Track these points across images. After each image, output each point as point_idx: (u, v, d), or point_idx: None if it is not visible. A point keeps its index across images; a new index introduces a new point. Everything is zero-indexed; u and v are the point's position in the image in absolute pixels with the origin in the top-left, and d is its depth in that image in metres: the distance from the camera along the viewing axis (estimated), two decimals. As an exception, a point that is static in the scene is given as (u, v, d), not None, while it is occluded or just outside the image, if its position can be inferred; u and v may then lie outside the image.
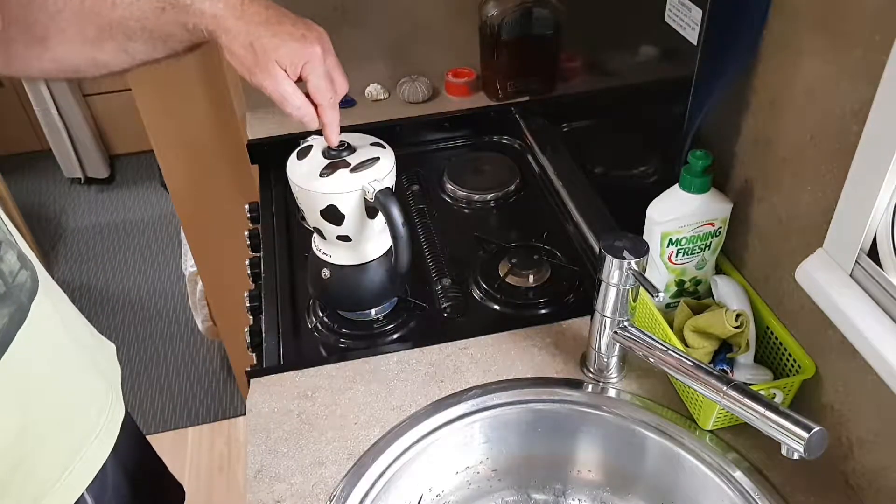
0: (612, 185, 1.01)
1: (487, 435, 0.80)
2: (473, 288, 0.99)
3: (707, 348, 0.75)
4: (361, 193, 0.80)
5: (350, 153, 0.81)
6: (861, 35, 0.57)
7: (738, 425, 0.74)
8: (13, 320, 0.64)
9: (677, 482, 0.76)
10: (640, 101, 0.88)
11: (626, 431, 0.78)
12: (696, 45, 0.69)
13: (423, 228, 1.11)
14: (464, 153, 1.31)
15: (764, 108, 0.71)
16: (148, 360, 2.25)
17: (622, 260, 0.69)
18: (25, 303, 0.66)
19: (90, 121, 2.97)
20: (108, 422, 0.77)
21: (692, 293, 0.83)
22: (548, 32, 1.19)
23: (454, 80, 1.37)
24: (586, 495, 0.82)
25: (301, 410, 0.80)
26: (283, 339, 0.92)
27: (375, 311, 0.94)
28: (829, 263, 0.64)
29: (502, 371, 0.83)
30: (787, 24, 0.66)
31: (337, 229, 0.83)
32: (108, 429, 0.77)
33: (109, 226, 2.86)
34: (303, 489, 0.72)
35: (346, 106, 1.37)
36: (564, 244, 1.06)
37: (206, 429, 2.03)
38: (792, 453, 0.56)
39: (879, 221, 0.59)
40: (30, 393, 0.66)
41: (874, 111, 0.56)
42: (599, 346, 0.79)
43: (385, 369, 0.84)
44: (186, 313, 2.40)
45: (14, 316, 0.64)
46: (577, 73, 1.09)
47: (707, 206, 0.76)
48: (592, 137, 1.07)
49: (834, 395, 0.69)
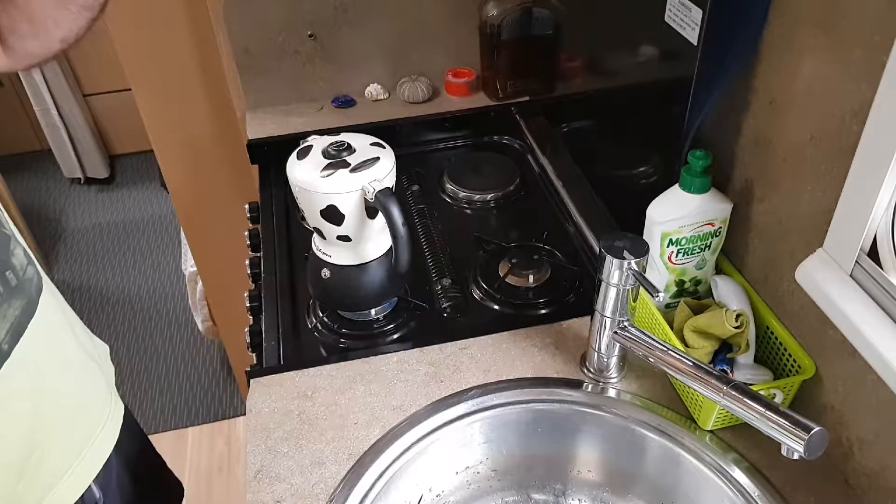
0: (612, 185, 1.00)
1: (487, 435, 0.80)
2: (473, 288, 0.99)
3: (707, 348, 0.75)
4: (361, 193, 0.80)
5: (350, 153, 0.81)
6: (861, 35, 0.57)
7: (738, 425, 0.74)
8: (25, 312, 0.66)
9: (677, 482, 0.76)
10: (641, 101, 0.88)
11: (626, 431, 0.78)
12: (696, 45, 0.69)
13: (423, 228, 1.11)
14: (464, 153, 1.31)
15: (764, 108, 0.71)
16: (148, 360, 2.25)
17: (622, 260, 0.69)
18: (34, 296, 0.68)
19: (90, 121, 2.97)
20: (112, 413, 0.79)
21: (692, 293, 0.83)
22: (548, 32, 1.19)
23: (454, 80, 1.37)
24: (586, 495, 0.82)
25: (301, 410, 0.80)
26: (283, 339, 0.92)
27: (375, 311, 0.94)
28: (829, 263, 0.64)
29: (502, 371, 0.83)
30: (787, 24, 0.66)
31: (337, 229, 0.83)
32: (113, 419, 0.79)
33: (109, 226, 2.86)
34: (303, 489, 0.72)
35: (346, 106, 1.37)
36: (564, 244, 1.06)
37: (206, 429, 2.03)
38: (792, 453, 0.56)
39: (879, 221, 0.59)
40: (42, 383, 0.68)
41: (874, 111, 0.56)
42: (599, 346, 0.79)
43: (385, 369, 0.84)
44: (186, 313, 2.40)
45: (26, 308, 0.66)
46: (577, 73, 1.09)
47: (707, 206, 0.76)
48: (592, 137, 1.07)
49: (834, 395, 0.69)
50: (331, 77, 1.37)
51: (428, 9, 1.33)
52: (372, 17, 1.31)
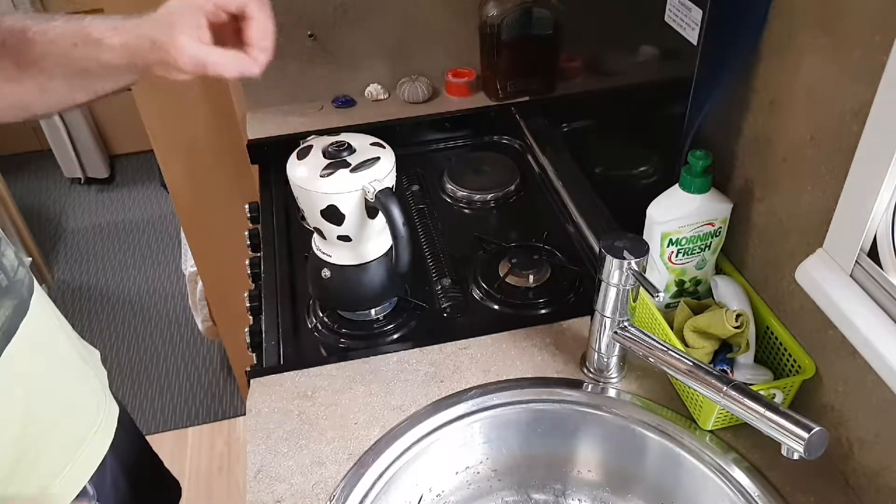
0: (612, 185, 1.01)
1: (487, 435, 0.80)
2: (473, 288, 0.99)
3: (707, 348, 0.75)
4: (362, 193, 0.80)
5: (350, 153, 0.81)
6: (861, 35, 0.57)
7: (738, 425, 0.74)
8: (16, 312, 0.66)
9: (677, 482, 0.76)
10: (640, 101, 0.88)
11: (626, 431, 0.78)
12: (696, 45, 0.69)
13: (423, 228, 1.11)
14: (464, 153, 1.31)
15: (764, 108, 0.71)
16: (148, 360, 2.25)
17: (622, 260, 0.69)
18: (26, 297, 0.68)
19: (90, 121, 2.97)
20: (107, 414, 0.79)
21: (692, 293, 0.83)
22: (548, 32, 1.19)
23: (454, 80, 1.37)
24: (586, 495, 0.82)
25: (301, 410, 0.80)
26: (283, 339, 0.92)
27: (375, 311, 0.94)
28: (829, 263, 0.64)
29: (502, 371, 0.83)
30: (787, 25, 0.66)
31: (337, 229, 0.83)
32: (107, 421, 0.79)
33: (109, 226, 2.86)
34: (303, 489, 0.72)
35: (346, 106, 1.37)
36: (564, 244, 1.06)
37: (206, 429, 2.03)
38: (792, 453, 0.56)
39: (879, 221, 0.59)
40: (33, 384, 0.68)
41: (874, 111, 0.56)
42: (599, 346, 0.79)
43: (385, 369, 0.84)
44: (186, 313, 2.40)
45: (17, 308, 0.66)
46: (577, 73, 1.09)
47: (707, 206, 0.76)
48: (592, 137, 1.07)
49: (834, 395, 0.69)
50: (331, 77, 1.37)
51: (428, 9, 1.33)
52: (372, 17, 1.31)
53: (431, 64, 1.39)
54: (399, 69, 1.39)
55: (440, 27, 1.36)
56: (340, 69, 1.36)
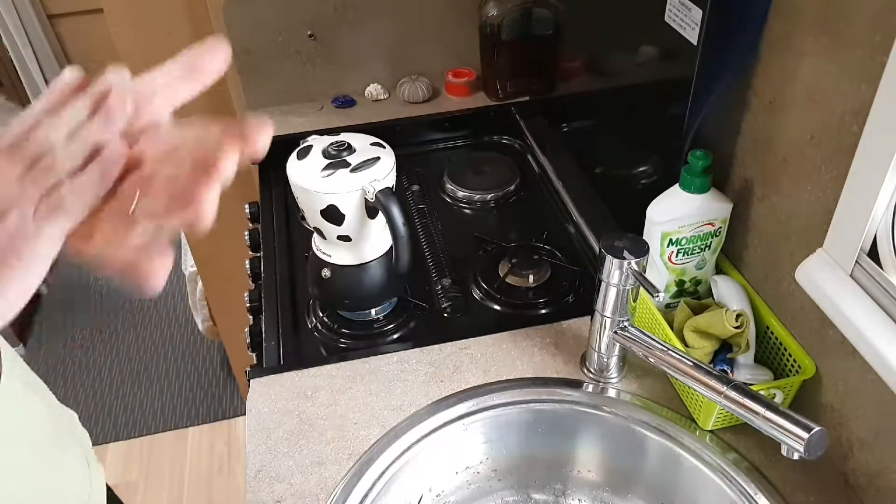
0: (612, 185, 1.00)
1: (487, 435, 0.80)
2: (473, 288, 0.99)
3: (707, 348, 0.75)
4: (362, 193, 0.80)
5: (350, 153, 0.81)
6: (861, 35, 0.57)
7: (738, 425, 0.74)
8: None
9: (677, 482, 0.76)
10: (640, 101, 0.88)
11: (626, 431, 0.78)
12: (696, 45, 0.69)
13: (423, 228, 1.11)
14: (464, 153, 1.31)
15: (764, 108, 0.71)
16: (148, 360, 2.25)
17: (622, 260, 0.69)
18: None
19: (90, 121, 2.97)
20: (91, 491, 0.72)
21: (692, 293, 0.83)
22: (548, 32, 1.19)
23: (454, 80, 1.37)
24: (586, 495, 0.82)
25: (301, 410, 0.80)
26: (283, 339, 0.92)
27: (375, 311, 0.94)
28: (829, 263, 0.64)
29: (502, 371, 0.83)
30: (787, 25, 0.66)
31: (337, 229, 0.83)
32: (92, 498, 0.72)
33: (109, 226, 2.86)
34: (303, 489, 0.72)
35: (346, 106, 1.37)
36: (564, 244, 1.06)
37: (206, 429, 2.03)
38: (792, 453, 0.56)
39: (879, 221, 0.59)
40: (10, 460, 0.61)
41: (874, 111, 0.56)
42: (599, 346, 0.79)
43: (385, 369, 0.84)
44: (186, 313, 2.40)
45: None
46: (577, 73, 1.09)
47: (707, 206, 0.76)
48: (592, 137, 1.07)
49: (834, 395, 0.69)
50: (331, 77, 1.37)
51: (428, 9, 1.33)
52: (372, 17, 1.31)
53: (431, 64, 1.39)
54: (399, 69, 1.39)
55: (440, 27, 1.36)
56: (340, 69, 1.36)
